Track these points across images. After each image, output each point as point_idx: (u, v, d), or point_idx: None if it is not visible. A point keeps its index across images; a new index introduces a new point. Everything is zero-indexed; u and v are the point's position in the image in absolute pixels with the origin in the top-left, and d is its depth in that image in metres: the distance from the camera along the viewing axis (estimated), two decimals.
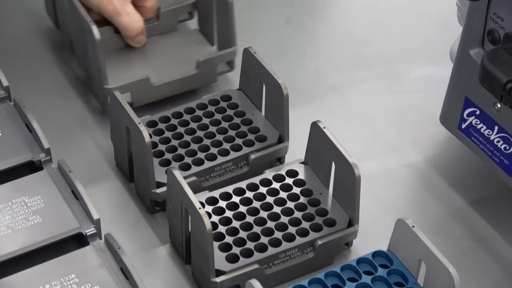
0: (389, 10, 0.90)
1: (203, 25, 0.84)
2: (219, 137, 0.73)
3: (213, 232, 0.62)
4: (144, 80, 0.75)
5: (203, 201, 0.66)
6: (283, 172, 0.69)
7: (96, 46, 0.73)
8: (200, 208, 0.59)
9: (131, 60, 0.80)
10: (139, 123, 0.65)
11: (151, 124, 0.73)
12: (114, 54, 0.82)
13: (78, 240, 0.61)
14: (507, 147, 0.65)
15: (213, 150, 0.72)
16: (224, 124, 0.74)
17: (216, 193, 0.67)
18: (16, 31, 0.86)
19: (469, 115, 0.67)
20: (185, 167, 0.70)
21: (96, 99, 0.79)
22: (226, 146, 0.72)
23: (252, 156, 0.71)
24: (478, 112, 0.66)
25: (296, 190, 0.68)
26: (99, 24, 0.82)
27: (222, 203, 0.67)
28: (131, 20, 0.90)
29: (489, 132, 0.66)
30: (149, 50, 0.83)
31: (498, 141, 0.65)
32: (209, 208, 0.66)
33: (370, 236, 0.67)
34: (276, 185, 0.68)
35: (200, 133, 0.74)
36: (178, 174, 0.62)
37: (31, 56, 0.83)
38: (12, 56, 0.75)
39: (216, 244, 0.63)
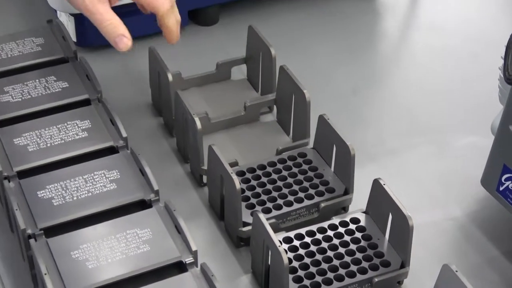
0: (440, 84, 0.90)
1: (281, 117, 0.84)
2: (296, 187, 0.72)
3: (289, 266, 0.61)
4: (233, 163, 0.74)
5: (281, 239, 0.66)
6: (347, 219, 0.68)
7: (197, 134, 0.74)
8: (279, 246, 0.59)
9: (221, 145, 0.77)
10: (231, 172, 0.66)
11: (240, 174, 0.73)
12: (207, 138, 0.79)
13: (178, 267, 0.61)
14: None
15: (290, 198, 0.71)
16: (300, 177, 0.74)
17: (291, 234, 0.67)
18: (129, 104, 0.87)
19: (506, 179, 0.67)
20: (266, 211, 0.70)
21: (193, 174, 0.79)
22: (301, 195, 0.72)
23: (322, 205, 0.71)
24: None
25: (358, 235, 0.67)
26: None
27: (296, 242, 0.66)
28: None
29: None
30: (236, 137, 0.83)
31: None
32: (285, 246, 0.65)
33: (419, 277, 0.66)
34: (341, 229, 0.68)
35: (279, 183, 0.73)
36: (262, 217, 0.62)
37: (141, 127, 0.85)
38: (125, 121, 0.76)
39: (290, 276, 0.62)
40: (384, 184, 0.66)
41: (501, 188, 0.68)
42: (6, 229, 0.71)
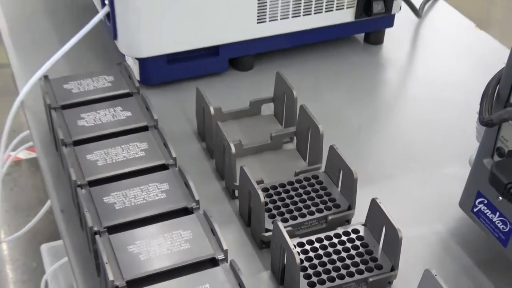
0: (430, 125, 0.90)
1: (299, 146, 0.84)
2: (308, 202, 0.73)
3: (301, 265, 0.63)
4: (259, 181, 0.75)
5: (295, 244, 0.66)
6: (349, 230, 0.69)
7: (232, 157, 0.74)
8: (293, 249, 0.60)
9: (250, 166, 0.76)
10: (258, 189, 0.67)
11: (264, 190, 0.73)
12: (239, 161, 0.79)
13: (212, 263, 0.61)
14: (505, 227, 0.64)
15: (304, 211, 0.72)
16: (312, 194, 0.74)
17: (304, 240, 0.67)
18: (179, 131, 0.88)
19: (479, 203, 0.67)
20: (284, 220, 0.70)
21: (227, 189, 0.79)
22: (313, 208, 0.72)
23: (330, 217, 0.71)
24: (486, 202, 0.67)
25: (357, 242, 0.68)
26: None
27: (307, 247, 0.67)
28: None
29: (492, 216, 0.66)
30: (262, 161, 0.83)
31: (498, 223, 0.65)
32: (298, 249, 0.66)
33: (405, 279, 0.66)
34: (344, 238, 0.68)
35: (296, 199, 0.73)
36: (281, 225, 0.63)
37: (188, 149, 0.85)
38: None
39: (301, 273, 0.63)
40: (380, 203, 0.67)
41: (475, 210, 0.68)
42: (78, 227, 0.72)
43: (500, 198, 0.64)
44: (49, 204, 1.13)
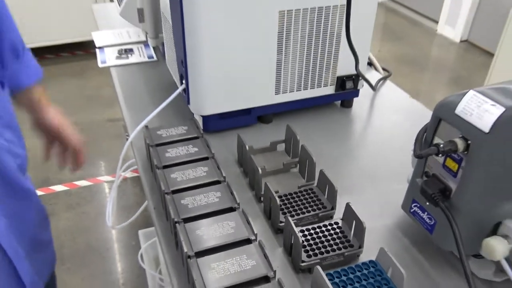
0: (385, 156, 0.88)
1: (301, 170, 0.82)
2: (306, 204, 0.72)
3: (302, 244, 0.63)
4: (276, 191, 0.73)
5: (298, 230, 0.66)
6: (332, 222, 0.68)
7: (259, 176, 0.74)
8: (297, 233, 0.60)
9: (271, 182, 0.78)
10: (275, 195, 0.67)
11: (279, 196, 0.73)
12: (263, 179, 0.78)
13: (247, 241, 0.60)
14: (430, 222, 0.63)
15: (304, 210, 0.70)
16: (309, 200, 0.73)
17: (304, 228, 0.67)
18: (227, 160, 0.87)
19: (414, 206, 0.67)
20: (291, 216, 0.69)
21: (256, 196, 0.77)
22: (309, 209, 0.71)
23: (320, 214, 0.70)
24: (418, 205, 0.66)
25: (338, 231, 0.67)
26: None
27: (306, 233, 0.66)
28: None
29: (422, 214, 0.65)
30: (278, 179, 0.81)
31: (426, 219, 0.64)
32: (300, 234, 0.66)
33: (367, 254, 0.65)
34: (329, 227, 0.67)
35: (299, 202, 0.72)
36: (290, 219, 0.63)
37: (232, 172, 0.84)
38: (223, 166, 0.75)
39: (302, 249, 0.63)
40: (351, 205, 0.66)
41: (411, 210, 0.68)
42: (164, 218, 0.73)
43: (427, 203, 0.63)
44: (145, 205, 1.13)
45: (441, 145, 0.55)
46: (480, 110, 0.52)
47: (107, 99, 2.81)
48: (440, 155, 0.57)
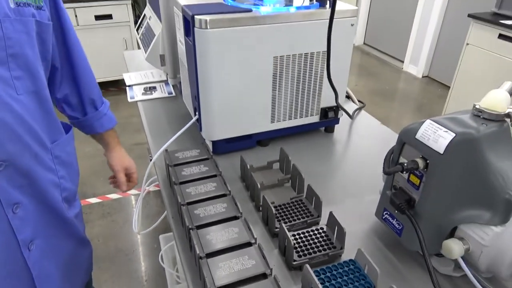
0: (360, 172, 0.86)
1: (292, 184, 0.81)
2: (297, 213, 0.71)
3: (293, 246, 0.63)
4: (272, 202, 0.74)
5: (290, 235, 0.65)
6: (318, 227, 0.67)
7: (259, 191, 0.73)
8: (290, 237, 0.60)
9: (268, 195, 0.77)
10: (271, 206, 0.66)
11: (275, 206, 0.72)
12: (262, 192, 0.77)
13: (249, 244, 0.60)
14: (399, 226, 0.63)
15: (295, 217, 0.70)
16: (299, 209, 0.72)
17: (295, 232, 0.66)
18: (232, 177, 0.86)
19: (385, 213, 0.66)
20: (285, 222, 0.68)
21: (256, 206, 0.76)
22: (299, 216, 0.70)
23: (308, 221, 0.70)
24: (389, 213, 0.65)
25: (323, 235, 0.66)
26: None
27: (297, 237, 0.65)
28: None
29: (392, 220, 0.65)
30: (274, 192, 0.80)
31: (395, 224, 0.64)
32: (292, 238, 0.65)
33: (348, 254, 0.65)
34: (316, 232, 0.66)
35: (291, 211, 0.72)
36: (283, 225, 0.62)
37: (236, 186, 0.82)
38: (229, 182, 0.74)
39: (294, 250, 0.62)
40: (337, 214, 0.66)
41: (383, 217, 0.67)
42: (180, 226, 0.72)
43: (396, 211, 0.63)
44: (164, 214, 1.12)
45: (405, 164, 0.56)
46: (435, 136, 0.53)
47: (134, 127, 2.82)
48: (405, 172, 0.57)
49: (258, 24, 0.80)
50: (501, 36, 2.24)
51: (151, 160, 0.87)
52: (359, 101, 1.25)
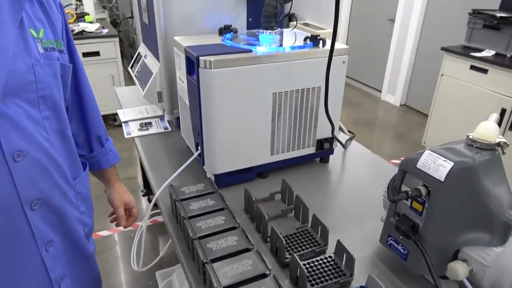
0: (359, 199, 0.87)
1: (296, 215, 0.82)
2: (304, 243, 0.72)
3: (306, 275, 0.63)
4: (280, 232, 0.70)
5: (302, 264, 0.65)
6: (327, 256, 0.68)
7: (266, 221, 0.74)
8: (303, 266, 0.61)
9: (274, 225, 0.74)
10: (281, 237, 0.67)
11: (283, 237, 0.73)
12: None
13: (248, 250, 0.63)
14: (404, 251, 0.65)
15: (303, 247, 0.70)
16: (305, 238, 0.72)
17: (305, 262, 0.66)
18: (237, 210, 0.85)
19: (390, 239, 0.68)
20: (294, 252, 0.69)
21: (262, 237, 0.76)
22: (307, 246, 0.71)
23: (316, 250, 0.70)
24: (393, 239, 0.67)
25: (332, 263, 0.67)
26: None
27: (307, 266, 0.65)
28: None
29: (397, 246, 0.66)
30: (279, 223, 0.80)
31: (400, 249, 0.65)
32: (304, 266, 0.65)
33: (357, 281, 0.65)
34: (325, 261, 0.67)
35: (298, 241, 0.72)
36: (296, 256, 0.63)
37: (241, 217, 0.82)
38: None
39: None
40: (342, 242, 0.67)
41: (388, 243, 0.69)
42: (190, 259, 0.71)
43: (401, 237, 0.65)
44: (166, 248, 1.10)
45: (409, 192, 0.58)
46: (435, 165, 0.57)
47: (125, 161, 2.79)
48: (409, 199, 0.60)
49: (258, 63, 0.84)
50: (472, 67, 2.39)
51: (142, 194, 0.88)
52: (349, 131, 1.29)
